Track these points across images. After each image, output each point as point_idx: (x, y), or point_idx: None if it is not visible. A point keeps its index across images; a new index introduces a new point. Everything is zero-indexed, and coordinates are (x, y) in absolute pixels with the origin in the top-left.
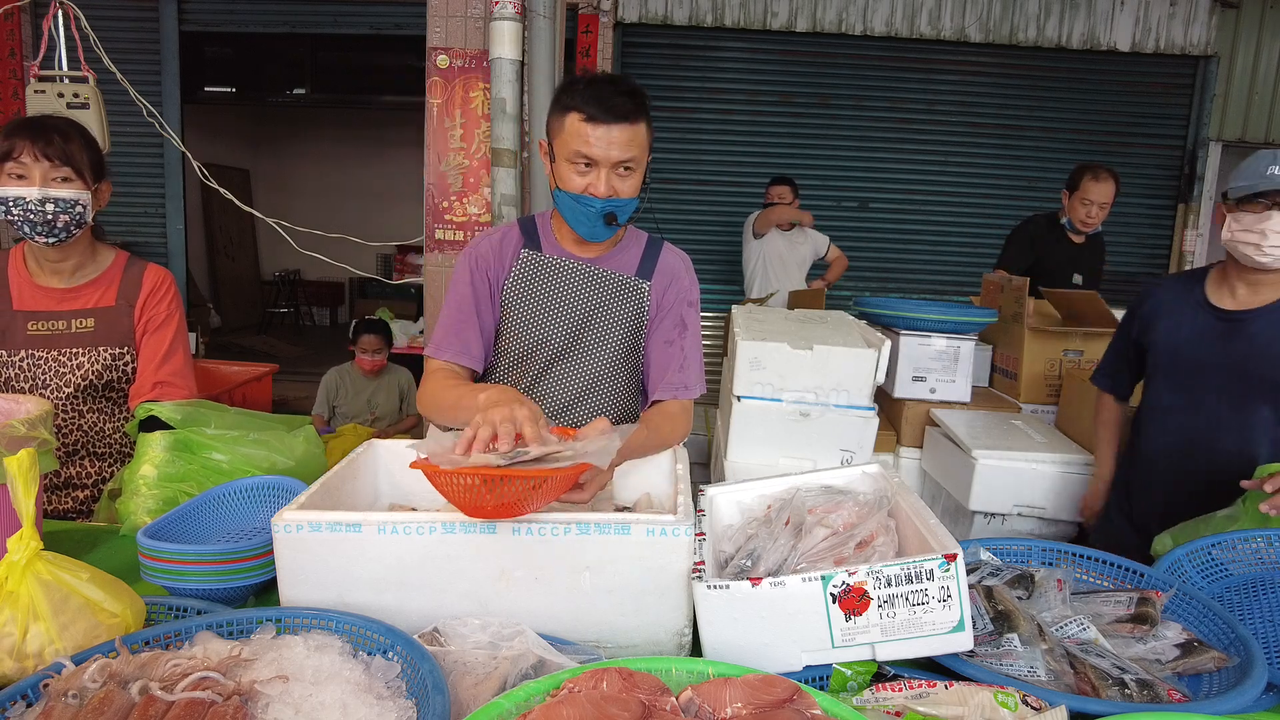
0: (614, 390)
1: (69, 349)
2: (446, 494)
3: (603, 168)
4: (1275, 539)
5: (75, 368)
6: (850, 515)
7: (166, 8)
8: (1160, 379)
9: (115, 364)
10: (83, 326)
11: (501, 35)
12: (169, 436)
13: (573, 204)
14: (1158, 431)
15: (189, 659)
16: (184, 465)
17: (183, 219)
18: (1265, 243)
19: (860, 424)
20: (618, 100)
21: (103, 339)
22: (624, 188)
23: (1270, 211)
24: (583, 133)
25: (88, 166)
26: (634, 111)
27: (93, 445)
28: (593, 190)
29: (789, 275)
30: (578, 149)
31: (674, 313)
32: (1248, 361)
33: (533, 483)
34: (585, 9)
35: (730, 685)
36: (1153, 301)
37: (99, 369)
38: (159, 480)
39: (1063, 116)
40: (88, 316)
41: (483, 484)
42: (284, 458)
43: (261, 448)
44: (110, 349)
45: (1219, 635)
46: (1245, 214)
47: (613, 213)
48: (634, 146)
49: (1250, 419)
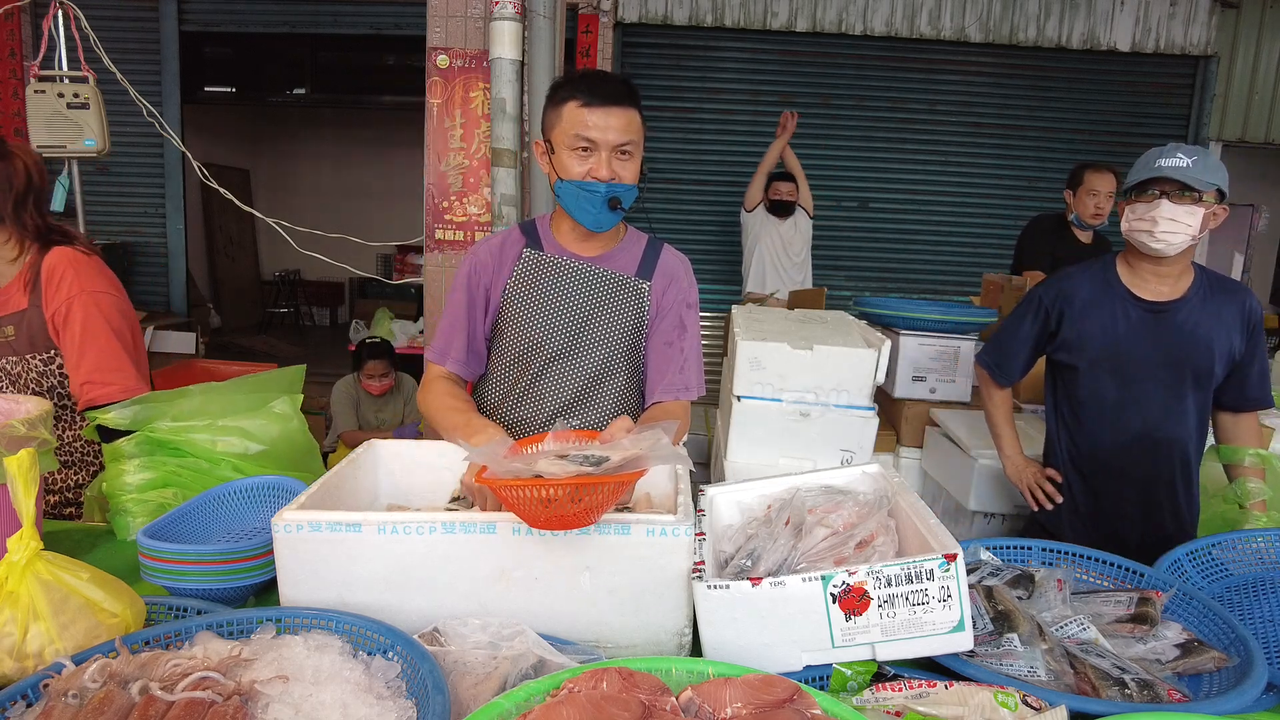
0: (614, 390)
1: (8, 358)
2: (515, 507)
3: (603, 151)
4: (1275, 539)
5: (17, 378)
6: (850, 515)
7: (166, 8)
8: (1100, 375)
9: (48, 370)
10: (7, 335)
11: (501, 35)
12: (132, 443)
13: (576, 192)
14: (1106, 428)
15: (189, 659)
16: (159, 468)
17: (183, 219)
18: (1156, 229)
19: (860, 424)
20: (614, 85)
21: (26, 347)
22: (624, 172)
23: (1160, 200)
24: (581, 117)
25: None
26: (628, 96)
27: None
28: (595, 174)
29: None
30: (577, 133)
31: (673, 314)
32: (1178, 350)
33: (609, 488)
34: (585, 9)
35: (730, 685)
36: (1077, 297)
37: (35, 377)
38: (140, 489)
39: (1063, 116)
40: (8, 324)
41: (567, 496)
42: (256, 442)
43: (232, 433)
44: (37, 355)
45: (1219, 635)
46: (1139, 204)
47: (616, 197)
48: (631, 130)
49: (1184, 405)
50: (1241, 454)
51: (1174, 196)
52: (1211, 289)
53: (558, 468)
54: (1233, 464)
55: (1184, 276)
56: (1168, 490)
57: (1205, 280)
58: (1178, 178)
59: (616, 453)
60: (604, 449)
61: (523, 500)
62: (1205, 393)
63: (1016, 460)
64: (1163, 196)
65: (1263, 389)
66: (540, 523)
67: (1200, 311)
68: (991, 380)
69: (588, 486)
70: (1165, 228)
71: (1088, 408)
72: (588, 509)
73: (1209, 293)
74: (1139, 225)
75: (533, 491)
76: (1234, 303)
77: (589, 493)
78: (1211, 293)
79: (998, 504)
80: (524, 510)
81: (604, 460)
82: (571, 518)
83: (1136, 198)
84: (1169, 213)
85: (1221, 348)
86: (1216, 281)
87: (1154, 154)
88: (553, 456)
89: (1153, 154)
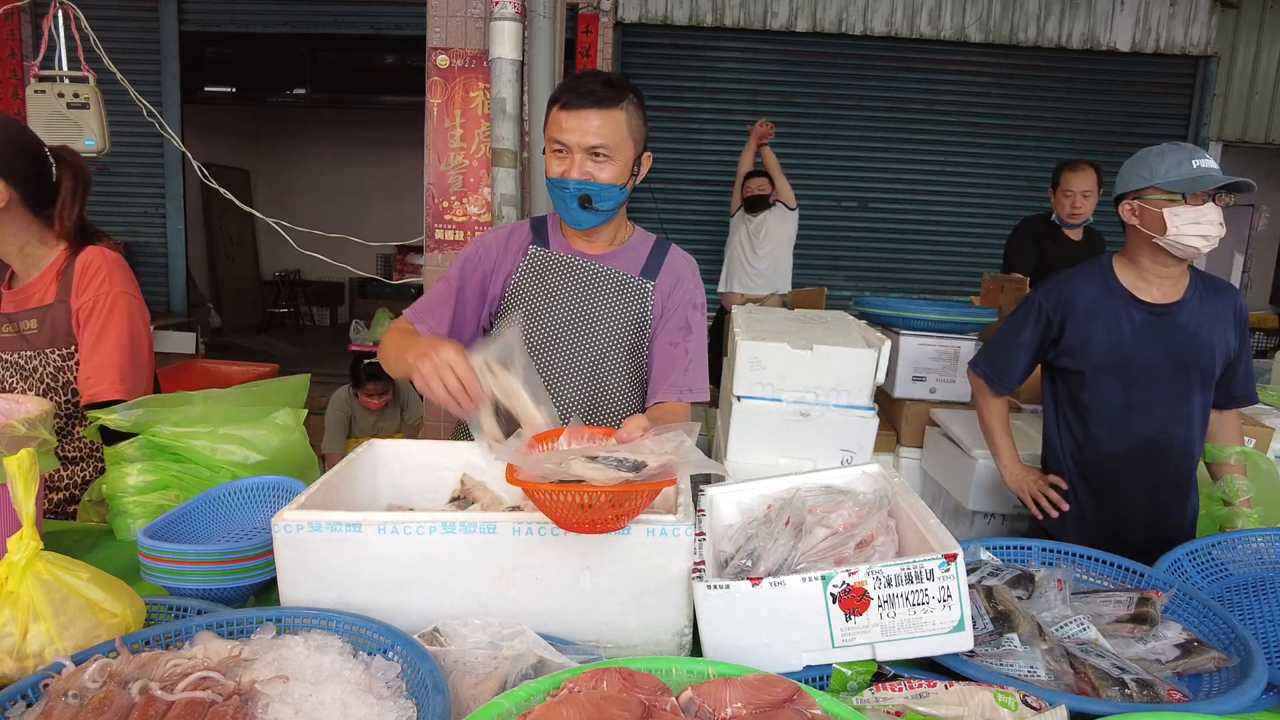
0: (617, 389)
1: (25, 352)
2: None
3: (575, 153)
4: (1275, 539)
5: (32, 372)
6: (850, 515)
7: (166, 8)
8: (1106, 380)
9: (66, 365)
10: (29, 329)
11: (501, 35)
12: (134, 446)
13: (553, 190)
14: (1112, 433)
15: (189, 659)
16: (160, 471)
17: (183, 219)
18: (1211, 233)
19: (860, 424)
20: (593, 87)
21: (46, 341)
22: (600, 173)
23: (1207, 203)
24: (558, 120)
25: None
26: (609, 98)
27: (62, 450)
28: (565, 174)
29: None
30: (553, 135)
31: (679, 315)
32: (1182, 351)
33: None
34: (585, 9)
35: (730, 685)
36: (1078, 302)
37: (52, 372)
38: (140, 490)
39: (1063, 116)
40: (31, 318)
41: (608, 502)
42: (256, 452)
43: (232, 441)
44: (57, 350)
45: (1219, 635)
46: (1185, 209)
47: (586, 196)
48: (605, 133)
49: (1189, 406)
50: (1227, 452)
51: (1218, 198)
52: (1206, 289)
53: (595, 471)
54: (1218, 462)
55: (1183, 278)
56: (1173, 492)
57: (1199, 281)
58: (1223, 180)
59: (649, 457)
60: (632, 450)
61: (559, 505)
62: (1208, 393)
63: (1015, 469)
64: (1210, 199)
65: (1247, 387)
66: (573, 526)
67: (1200, 312)
68: (988, 388)
69: (629, 494)
70: (1216, 232)
71: (1093, 413)
72: (624, 514)
73: (1205, 293)
74: (1192, 230)
75: (571, 497)
76: (1226, 302)
77: (629, 499)
78: (1207, 293)
79: (998, 504)
80: (559, 514)
81: (642, 465)
82: (605, 522)
83: (1181, 200)
84: (1215, 216)
85: (1221, 347)
86: (1208, 281)
87: (1180, 154)
88: (582, 458)
89: (1176, 154)
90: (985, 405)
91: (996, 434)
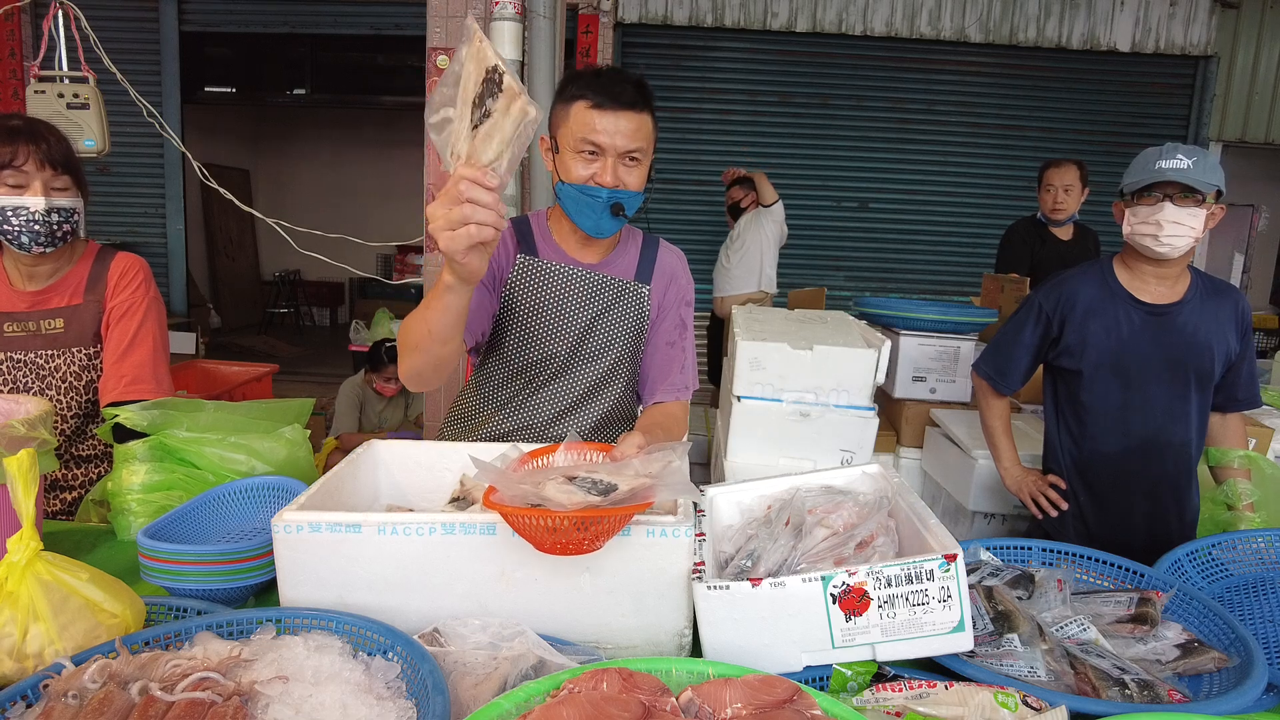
0: (612, 394)
1: (44, 351)
2: (521, 532)
3: (609, 156)
4: (1275, 539)
5: (53, 371)
6: (850, 515)
7: (166, 8)
8: (1104, 379)
9: (91, 364)
10: (53, 328)
11: (501, 35)
12: (144, 446)
13: (577, 195)
14: (1110, 433)
15: (189, 659)
16: (167, 473)
17: (183, 219)
18: (1161, 233)
19: (860, 424)
20: (626, 88)
21: (73, 340)
22: (630, 179)
23: (1163, 203)
24: (590, 120)
25: (79, 173)
26: (641, 101)
27: (76, 449)
28: (599, 180)
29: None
30: (584, 136)
31: (674, 314)
32: (1180, 352)
33: (615, 520)
34: (585, 9)
35: (730, 686)
36: (1078, 302)
37: (76, 370)
38: (144, 489)
39: (1063, 116)
40: (56, 317)
41: (573, 525)
42: (263, 463)
43: (241, 451)
44: (83, 349)
45: (1219, 635)
46: (1141, 207)
47: (619, 203)
48: (640, 137)
49: (1187, 407)
50: (1230, 455)
51: (1177, 199)
52: (1207, 291)
53: (565, 495)
54: (1221, 466)
55: (1182, 278)
56: (1172, 493)
57: (1200, 282)
58: (1181, 180)
59: (625, 480)
60: (613, 471)
61: (528, 527)
62: (1206, 394)
63: (1015, 471)
64: (1166, 199)
65: (1250, 390)
66: (545, 548)
67: (1199, 313)
68: (991, 389)
69: (594, 519)
70: (1170, 231)
71: (1092, 413)
72: (593, 537)
73: (1205, 294)
74: (1143, 229)
75: (538, 520)
76: (1228, 304)
77: (594, 523)
78: (1208, 294)
79: (998, 504)
80: (529, 536)
81: (613, 489)
82: (577, 545)
83: (1138, 200)
84: (1173, 215)
85: (1221, 349)
86: (1210, 283)
87: (1151, 155)
88: (560, 479)
89: (1150, 155)
90: (988, 406)
91: (998, 435)
